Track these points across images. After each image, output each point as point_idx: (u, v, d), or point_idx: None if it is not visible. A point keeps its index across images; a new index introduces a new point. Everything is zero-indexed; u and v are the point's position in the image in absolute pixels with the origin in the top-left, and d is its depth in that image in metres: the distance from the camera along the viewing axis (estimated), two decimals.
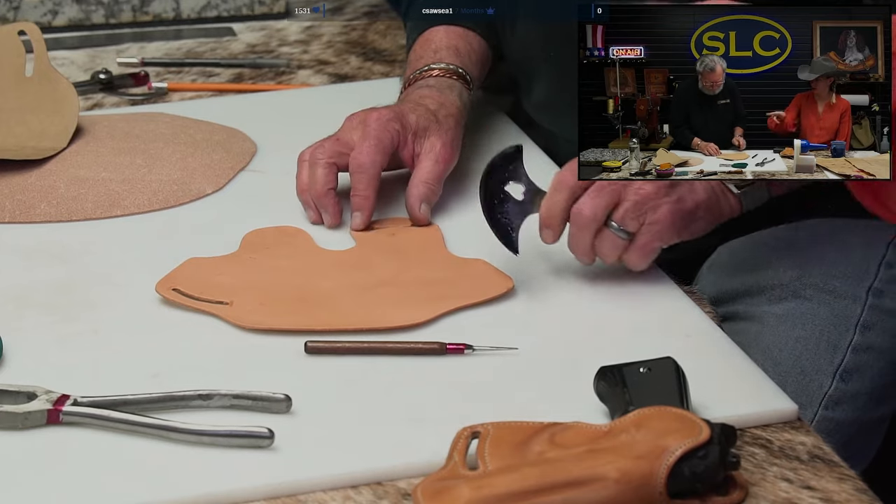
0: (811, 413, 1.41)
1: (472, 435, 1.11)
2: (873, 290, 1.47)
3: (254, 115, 1.72)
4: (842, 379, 1.43)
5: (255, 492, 1.11)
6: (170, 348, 1.28)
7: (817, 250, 1.48)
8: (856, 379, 1.44)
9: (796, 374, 1.42)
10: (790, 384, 1.40)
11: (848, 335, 1.44)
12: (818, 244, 1.48)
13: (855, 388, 1.43)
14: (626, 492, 1.04)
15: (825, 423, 1.41)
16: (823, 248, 1.48)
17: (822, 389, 1.42)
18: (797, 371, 1.42)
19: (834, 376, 1.43)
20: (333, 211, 1.46)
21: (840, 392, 1.43)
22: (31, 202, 1.51)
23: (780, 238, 1.50)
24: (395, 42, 1.97)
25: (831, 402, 1.43)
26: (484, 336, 1.28)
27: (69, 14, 2.02)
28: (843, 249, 1.48)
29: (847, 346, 1.44)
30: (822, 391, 1.42)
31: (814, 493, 1.11)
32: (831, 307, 1.44)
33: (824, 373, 1.43)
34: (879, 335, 1.45)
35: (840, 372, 1.43)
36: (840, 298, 1.45)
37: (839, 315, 1.44)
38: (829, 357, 1.43)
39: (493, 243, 1.41)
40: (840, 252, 1.47)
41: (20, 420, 1.17)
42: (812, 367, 1.42)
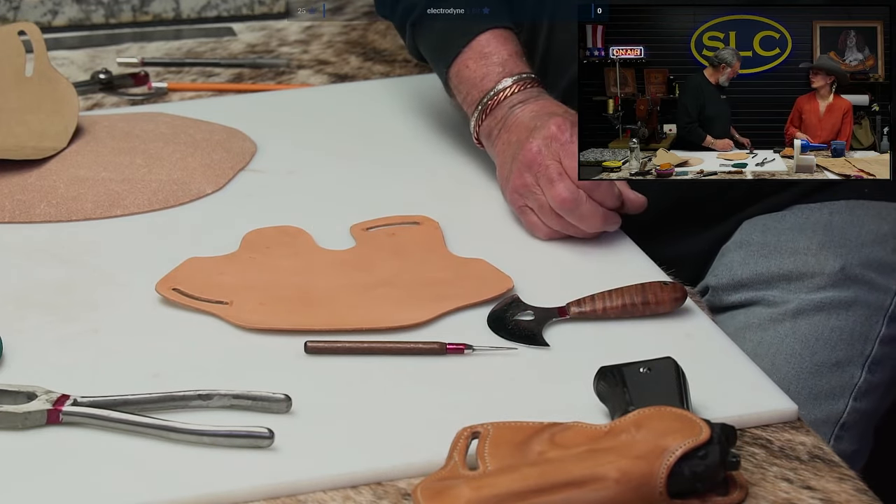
0: (843, 404, 1.42)
1: (472, 435, 1.11)
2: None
3: (254, 115, 1.72)
4: (869, 370, 1.44)
5: (255, 492, 1.11)
6: (170, 348, 1.28)
7: (855, 238, 1.47)
8: (880, 371, 1.45)
9: (830, 364, 1.42)
10: (824, 374, 1.40)
11: (877, 327, 1.45)
12: (854, 231, 1.48)
13: (878, 379, 1.44)
14: (626, 492, 1.04)
15: (854, 415, 1.42)
16: (860, 235, 1.47)
17: (854, 380, 1.43)
18: (832, 361, 1.42)
19: (863, 368, 1.43)
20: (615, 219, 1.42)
21: (867, 383, 1.44)
22: (31, 202, 1.51)
23: (816, 222, 1.49)
24: (395, 42, 1.97)
25: (860, 393, 1.43)
26: (484, 336, 1.28)
27: (69, 14, 2.02)
28: (878, 239, 1.48)
29: (876, 338, 1.44)
30: (853, 382, 1.43)
31: (814, 493, 1.11)
32: (867, 298, 1.45)
33: (855, 364, 1.43)
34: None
35: (868, 363, 1.44)
36: (874, 290, 1.45)
37: (872, 306, 1.45)
38: (861, 348, 1.44)
39: (493, 243, 1.42)
40: (875, 242, 1.47)
41: (20, 420, 1.17)
42: (846, 358, 1.43)
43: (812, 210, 1.49)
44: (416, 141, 1.65)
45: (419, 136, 1.66)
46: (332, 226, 1.46)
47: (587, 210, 1.37)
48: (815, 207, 1.49)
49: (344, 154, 1.62)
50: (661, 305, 1.29)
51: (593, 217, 1.38)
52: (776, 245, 1.47)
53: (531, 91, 1.48)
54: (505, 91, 1.48)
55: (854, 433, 1.41)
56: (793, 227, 1.48)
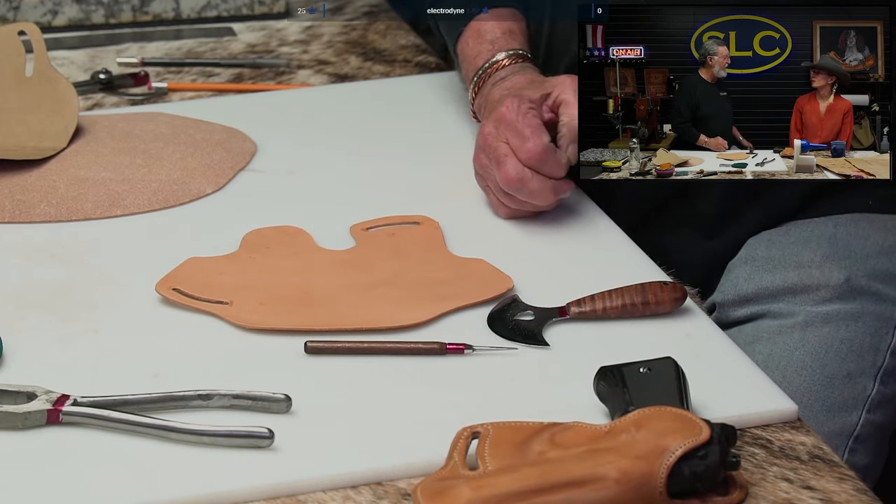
0: (856, 416, 1.41)
1: (472, 435, 1.11)
2: None
3: (254, 115, 1.72)
4: (882, 382, 1.43)
5: (255, 492, 1.11)
6: (170, 348, 1.28)
7: (860, 250, 1.47)
8: (893, 382, 1.44)
9: (842, 376, 1.42)
10: (838, 386, 1.40)
11: (888, 338, 1.44)
12: (859, 243, 1.47)
13: (891, 390, 1.44)
14: (626, 492, 1.04)
15: (867, 427, 1.42)
16: (865, 247, 1.47)
17: (866, 392, 1.42)
18: (843, 373, 1.42)
19: (875, 379, 1.43)
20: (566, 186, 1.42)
21: (880, 395, 1.43)
22: (31, 202, 1.51)
23: (820, 235, 1.48)
24: (395, 42, 1.97)
25: (873, 405, 1.43)
26: (484, 336, 1.28)
27: (69, 14, 2.02)
28: (884, 250, 1.47)
29: (887, 349, 1.44)
30: (866, 394, 1.42)
31: (814, 494, 1.11)
32: (874, 310, 1.44)
33: (867, 375, 1.43)
34: None
35: (881, 375, 1.43)
36: (882, 301, 1.45)
37: (881, 317, 1.44)
38: (872, 359, 1.43)
39: (493, 243, 1.42)
40: (881, 253, 1.47)
41: (20, 420, 1.17)
42: (857, 370, 1.42)
43: (816, 224, 1.49)
44: (416, 141, 1.65)
45: (419, 136, 1.66)
46: (332, 226, 1.46)
47: (535, 186, 1.38)
48: (819, 221, 1.49)
49: (344, 154, 1.62)
50: (661, 305, 1.29)
51: (543, 192, 1.38)
52: (781, 259, 1.47)
53: (514, 67, 1.49)
54: (494, 66, 1.51)
55: (869, 446, 1.40)
56: (797, 240, 1.48)
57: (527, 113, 1.38)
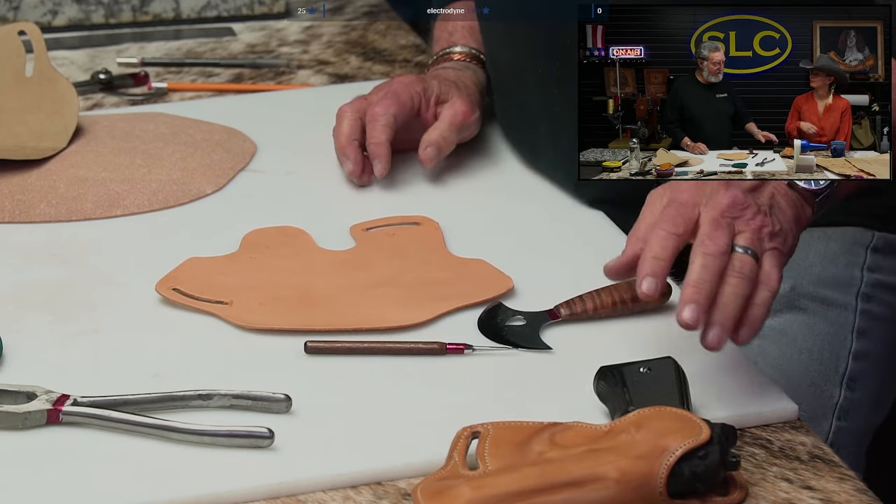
0: (827, 424, 1.41)
1: (472, 435, 1.11)
2: (861, 295, 1.47)
3: (254, 115, 1.72)
4: (848, 387, 1.43)
5: (255, 492, 1.11)
6: (170, 348, 1.28)
7: (803, 260, 1.47)
8: (860, 387, 1.44)
9: (807, 385, 1.42)
10: (804, 396, 1.39)
11: (847, 342, 1.44)
12: (802, 254, 1.47)
13: (859, 396, 1.44)
14: (626, 492, 1.04)
15: (839, 435, 1.41)
16: (808, 257, 1.47)
17: (833, 400, 1.42)
18: (808, 383, 1.42)
19: (841, 385, 1.43)
20: (354, 158, 1.51)
21: (848, 401, 1.43)
22: (31, 202, 1.51)
23: None
24: (394, 42, 1.97)
25: (842, 412, 1.43)
26: (483, 336, 1.28)
27: (69, 14, 2.02)
28: (828, 258, 1.47)
29: (848, 354, 1.44)
30: (833, 402, 1.42)
31: (814, 494, 1.11)
32: (826, 316, 1.45)
33: (832, 382, 1.43)
34: (873, 341, 1.45)
35: (846, 380, 1.43)
36: (833, 307, 1.45)
37: (835, 323, 1.44)
38: (834, 366, 1.43)
39: (493, 243, 1.42)
40: (825, 261, 1.47)
41: (20, 420, 1.17)
42: (821, 378, 1.42)
43: None
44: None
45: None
46: (332, 226, 1.46)
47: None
48: None
49: None
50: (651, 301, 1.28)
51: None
52: None
53: (461, 63, 1.61)
54: (443, 58, 1.62)
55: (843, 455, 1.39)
56: None
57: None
